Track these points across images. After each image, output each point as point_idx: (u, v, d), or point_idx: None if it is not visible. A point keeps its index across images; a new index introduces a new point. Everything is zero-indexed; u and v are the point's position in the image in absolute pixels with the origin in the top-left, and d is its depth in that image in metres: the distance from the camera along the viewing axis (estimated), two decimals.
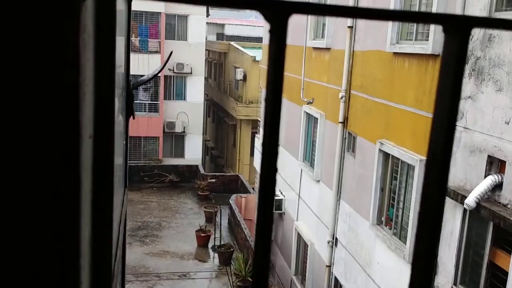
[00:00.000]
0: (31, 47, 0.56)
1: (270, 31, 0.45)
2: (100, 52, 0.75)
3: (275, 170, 0.48)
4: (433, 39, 7.40)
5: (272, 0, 0.44)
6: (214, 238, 17.40)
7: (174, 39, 26.17)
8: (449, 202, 6.89)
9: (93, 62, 0.71)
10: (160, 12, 25.25)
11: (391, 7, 8.63)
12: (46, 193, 0.60)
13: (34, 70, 0.57)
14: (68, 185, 0.61)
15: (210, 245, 17.51)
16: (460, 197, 6.47)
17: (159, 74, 24.02)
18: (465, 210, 6.50)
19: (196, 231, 17.72)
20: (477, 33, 6.47)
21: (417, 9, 8.23)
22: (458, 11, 6.85)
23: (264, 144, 0.48)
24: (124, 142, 2.04)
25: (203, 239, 17.46)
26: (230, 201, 19.37)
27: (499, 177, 6.00)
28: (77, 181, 0.62)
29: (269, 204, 0.48)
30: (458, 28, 0.44)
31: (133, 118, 2.21)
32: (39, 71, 0.57)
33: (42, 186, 0.60)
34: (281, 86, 0.47)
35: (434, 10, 7.44)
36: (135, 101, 2.46)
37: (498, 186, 6.02)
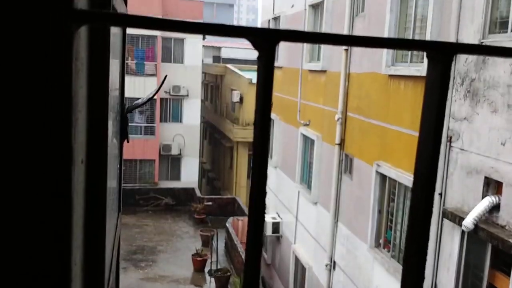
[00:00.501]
0: (23, 74, 0.56)
1: (258, 58, 0.46)
2: (93, 78, 0.75)
3: (264, 193, 0.49)
4: None
5: (260, 28, 0.45)
6: (211, 262, 17.21)
7: (171, 62, 26.35)
8: (447, 224, 6.86)
9: (86, 88, 0.71)
10: (157, 36, 25.49)
11: (386, 31, 8.75)
12: (36, 217, 0.60)
13: (26, 96, 0.57)
14: (58, 210, 0.61)
15: (206, 269, 17.30)
16: (458, 219, 6.45)
17: (155, 97, 24.10)
18: (463, 232, 6.48)
19: (192, 255, 17.53)
20: (471, 55, 6.55)
21: (411, 33, 8.34)
22: (452, 34, 6.94)
23: (254, 168, 0.48)
24: (118, 165, 2.04)
25: (199, 264, 17.26)
26: (227, 224, 19.22)
27: (497, 198, 6.00)
28: (68, 206, 0.62)
29: (259, 227, 0.49)
30: (440, 54, 0.45)
31: (127, 142, 2.22)
32: (31, 97, 0.57)
33: (33, 209, 0.60)
34: (269, 111, 0.47)
35: (428, 33, 7.54)
36: (130, 124, 2.47)
37: (495, 208, 6.01)
